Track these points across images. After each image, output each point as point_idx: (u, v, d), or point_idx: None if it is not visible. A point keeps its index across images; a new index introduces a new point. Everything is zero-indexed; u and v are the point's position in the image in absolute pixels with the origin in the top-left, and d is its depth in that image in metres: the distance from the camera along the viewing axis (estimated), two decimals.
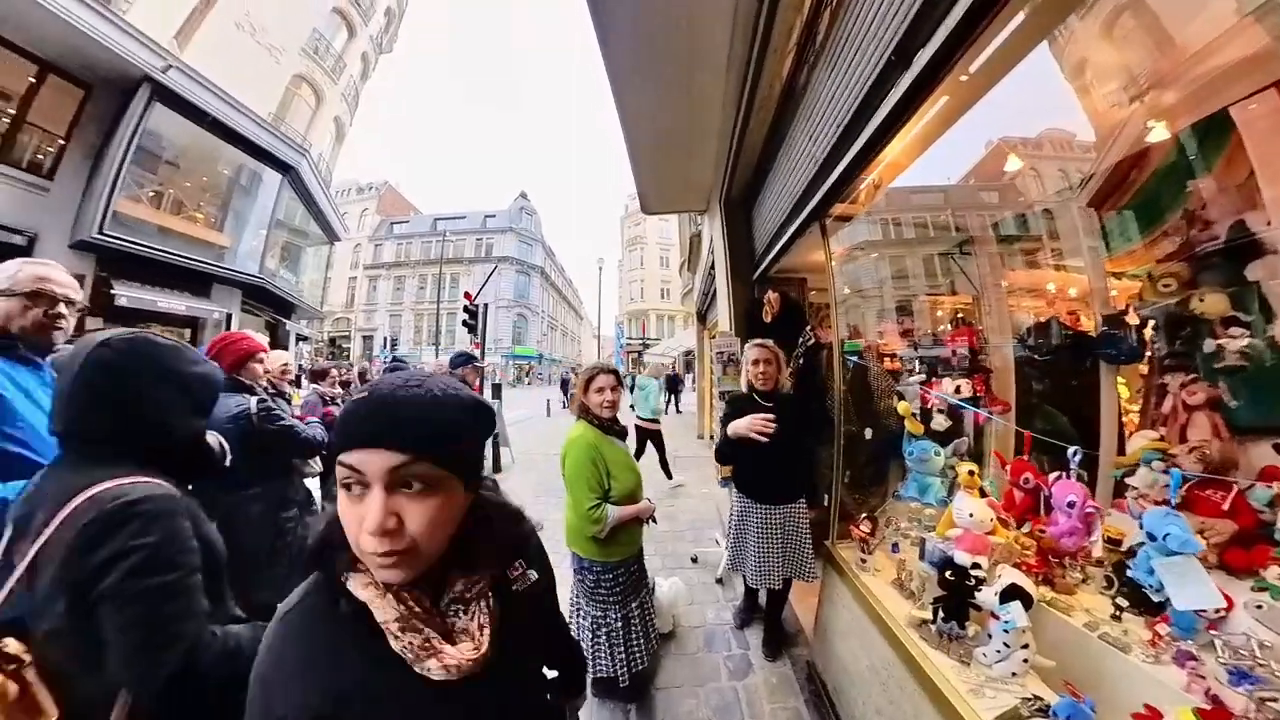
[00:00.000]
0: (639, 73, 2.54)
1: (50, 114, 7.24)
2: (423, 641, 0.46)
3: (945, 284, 2.84)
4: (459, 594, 0.51)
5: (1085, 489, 1.13)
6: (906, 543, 1.60)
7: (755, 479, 2.09)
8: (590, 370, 1.79)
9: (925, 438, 1.82)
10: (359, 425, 0.45)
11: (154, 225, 8.38)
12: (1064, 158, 2.05)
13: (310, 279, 15.03)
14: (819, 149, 1.96)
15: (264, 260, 10.61)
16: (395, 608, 0.46)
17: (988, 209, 2.52)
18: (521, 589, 0.59)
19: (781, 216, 2.68)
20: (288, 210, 11.64)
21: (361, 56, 14.42)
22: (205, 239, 9.41)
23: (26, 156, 7.19)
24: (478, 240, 31.95)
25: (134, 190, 8.01)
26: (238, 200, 10.08)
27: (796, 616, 2.37)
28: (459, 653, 0.47)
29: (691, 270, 10.15)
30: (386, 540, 0.42)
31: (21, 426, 1.10)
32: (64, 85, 7.24)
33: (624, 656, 1.73)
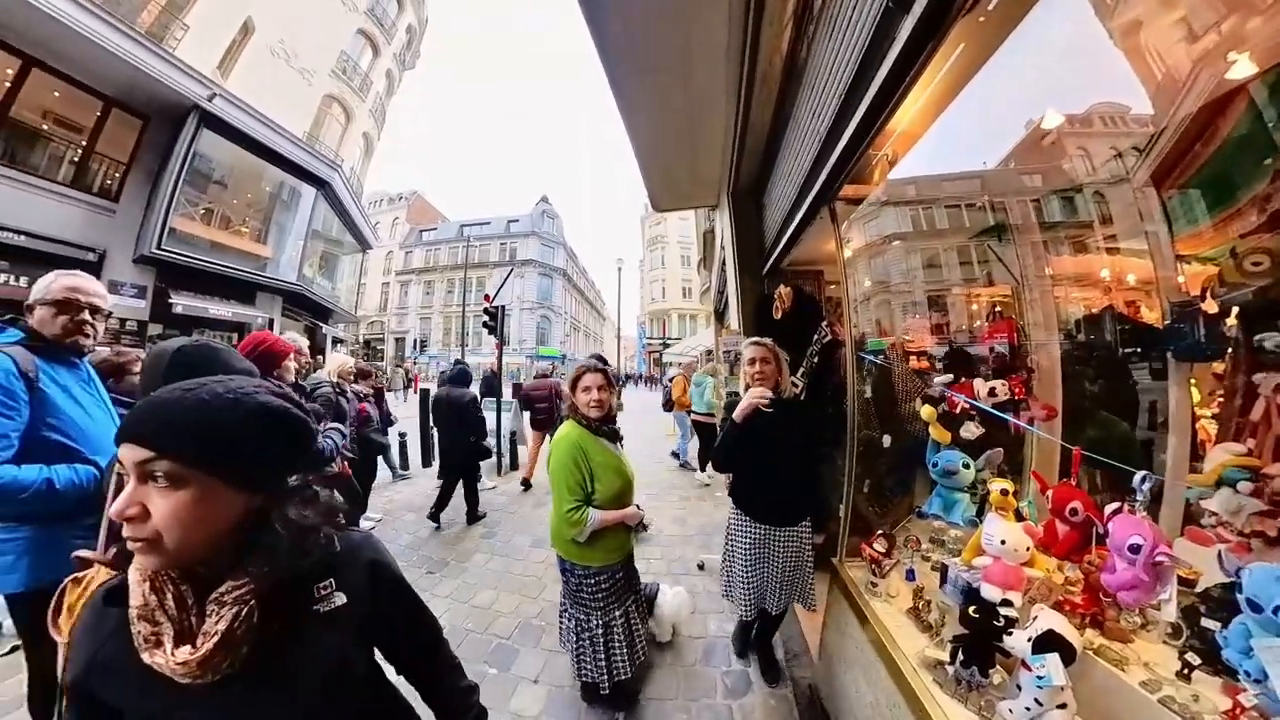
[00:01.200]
0: (637, 72, 2.46)
1: (115, 143, 8.03)
2: (150, 632, 0.48)
3: (981, 274, 2.57)
4: (219, 596, 0.51)
5: (1157, 530, 0.87)
6: (926, 566, 1.41)
7: (754, 494, 1.82)
8: (579, 369, 1.72)
9: (953, 447, 1.61)
10: (127, 421, 0.49)
11: (205, 240, 9.10)
12: (1117, 133, 1.80)
13: (346, 285, 15.90)
14: (822, 123, 1.79)
15: (302, 268, 11.34)
16: (144, 596, 0.49)
17: (1031, 193, 2.27)
18: (325, 610, 0.59)
19: (789, 203, 2.51)
20: (324, 222, 12.35)
21: (386, 74, 15.15)
22: (250, 251, 10.13)
23: (96, 182, 7.95)
24: (502, 244, 32.69)
25: (187, 209, 8.70)
26: (278, 214, 10.78)
27: (803, 633, 2.18)
28: (169, 655, 0.48)
29: (707, 268, 9.93)
30: (129, 527, 0.47)
31: (61, 418, 1.26)
32: (125, 117, 8.03)
33: (605, 663, 1.69)
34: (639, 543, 3.42)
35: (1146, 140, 1.51)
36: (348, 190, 12.66)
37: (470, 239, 26.92)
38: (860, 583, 1.48)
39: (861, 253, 3.22)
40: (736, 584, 1.81)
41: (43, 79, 7.06)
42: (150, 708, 0.50)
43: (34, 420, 1.21)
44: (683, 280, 34.16)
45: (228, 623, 0.50)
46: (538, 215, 33.04)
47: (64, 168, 7.56)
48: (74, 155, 7.67)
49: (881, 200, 2.42)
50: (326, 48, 11.96)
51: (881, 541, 1.54)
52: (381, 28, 14.01)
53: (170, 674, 0.48)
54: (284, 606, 0.55)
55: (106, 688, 0.50)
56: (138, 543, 0.47)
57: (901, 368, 2.53)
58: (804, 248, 2.80)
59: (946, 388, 1.71)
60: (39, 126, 7.32)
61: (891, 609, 1.32)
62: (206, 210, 9.23)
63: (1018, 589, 0.98)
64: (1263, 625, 0.68)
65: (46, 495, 1.17)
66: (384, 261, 33.99)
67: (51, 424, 1.24)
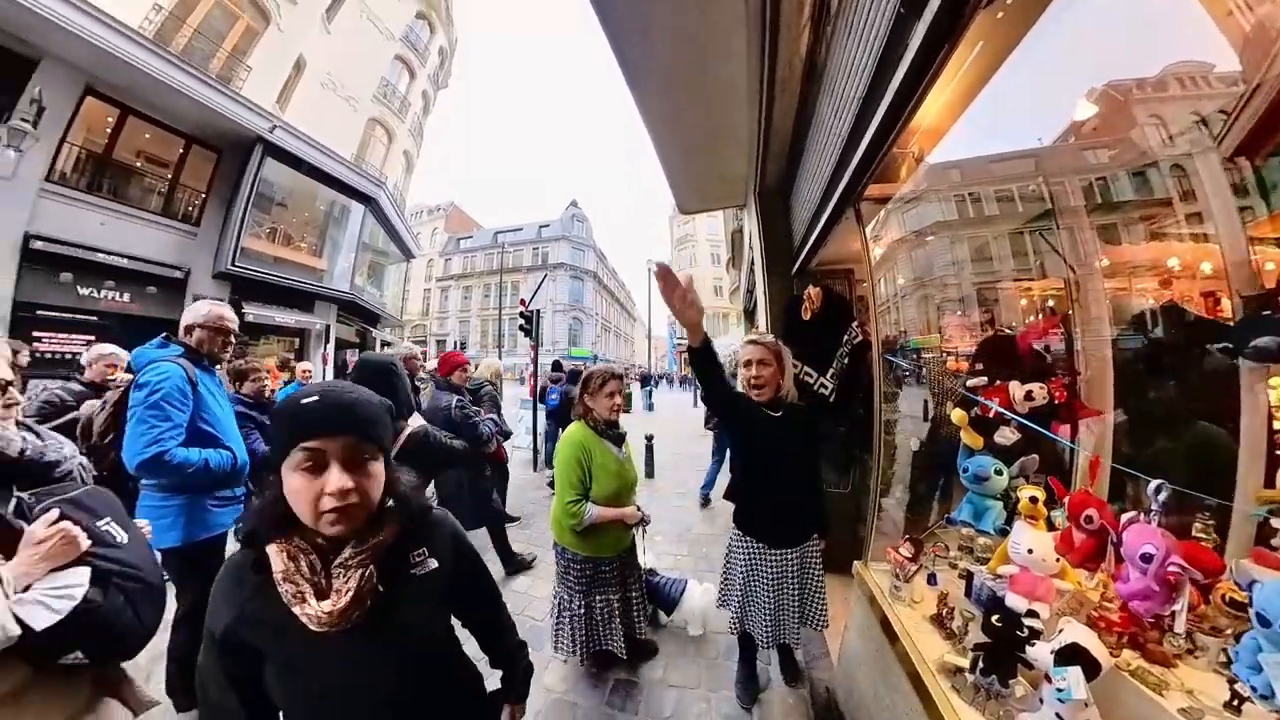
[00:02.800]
0: (658, 82, 2.49)
1: (195, 175, 9.05)
2: (295, 591, 0.59)
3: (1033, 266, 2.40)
4: (344, 560, 0.62)
5: (1170, 540, 0.84)
6: (954, 574, 1.37)
7: (767, 519, 1.66)
8: (601, 375, 1.83)
9: (985, 452, 1.55)
10: (320, 417, 0.61)
11: (270, 256, 10.03)
12: (1199, 96, 1.60)
13: (392, 292, 16.98)
14: (843, 125, 1.76)
15: (353, 278, 12.24)
16: (284, 563, 0.60)
17: (1094, 171, 2.07)
18: (420, 574, 0.71)
19: (815, 203, 2.46)
20: (371, 235, 13.24)
21: (422, 95, 16.05)
22: (308, 264, 11.05)
23: (180, 210, 8.97)
24: (534, 249, 33.63)
25: (255, 229, 9.62)
26: (331, 229, 11.68)
27: (824, 636, 2.15)
28: (318, 607, 0.59)
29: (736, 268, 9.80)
30: (341, 498, 0.58)
31: (209, 414, 1.65)
32: (203, 151, 9.06)
33: (584, 639, 1.83)
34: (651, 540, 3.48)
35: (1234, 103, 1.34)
36: (392, 205, 13.54)
37: (504, 245, 27.89)
38: (885, 587, 1.46)
39: (898, 247, 3.09)
40: (759, 613, 1.66)
41: (136, 124, 8.11)
42: (288, 650, 0.61)
43: (192, 415, 1.58)
44: (713, 279, 33.76)
45: (357, 582, 0.61)
46: (568, 219, 33.71)
47: (155, 199, 8.57)
48: (162, 188, 8.68)
49: (921, 188, 2.32)
50: (368, 75, 12.89)
51: (908, 546, 1.50)
52: (416, 52, 14.86)
53: (309, 623, 0.58)
54: (391, 569, 0.66)
55: (253, 634, 0.61)
56: (344, 511, 0.60)
57: (936, 368, 2.43)
58: (833, 247, 2.73)
59: (975, 391, 1.64)
60: (134, 165, 8.35)
61: (914, 615, 1.29)
62: (271, 229, 10.17)
63: (1045, 600, 0.95)
64: (1272, 640, 0.65)
65: (203, 472, 1.56)
66: (425, 269, 35.88)
67: (203, 418, 1.63)
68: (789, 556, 1.63)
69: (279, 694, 0.63)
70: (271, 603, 0.60)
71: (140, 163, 8.42)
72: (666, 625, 2.37)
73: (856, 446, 2.78)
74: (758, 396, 1.61)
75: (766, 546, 1.64)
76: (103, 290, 7.76)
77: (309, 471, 0.59)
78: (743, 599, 1.69)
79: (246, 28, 9.48)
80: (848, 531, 2.43)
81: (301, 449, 0.59)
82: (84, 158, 7.59)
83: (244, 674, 0.61)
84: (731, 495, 1.78)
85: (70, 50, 6.72)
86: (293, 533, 0.63)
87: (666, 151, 3.43)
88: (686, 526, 3.91)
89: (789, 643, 1.72)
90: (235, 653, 0.61)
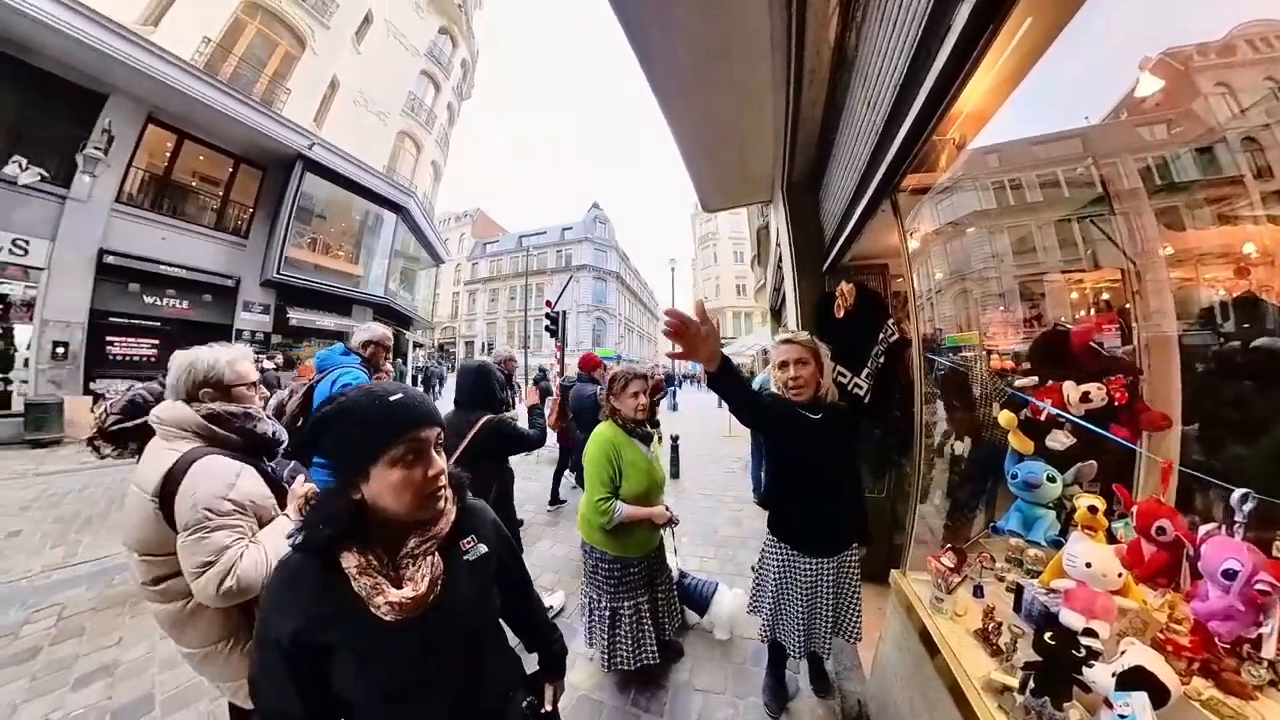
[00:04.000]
0: (679, 75, 2.45)
1: (243, 191, 9.74)
2: (373, 584, 0.62)
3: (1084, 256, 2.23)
4: (410, 550, 0.66)
5: (1257, 555, 0.75)
6: (1001, 586, 1.29)
7: (804, 526, 1.60)
8: (626, 376, 1.82)
9: (1036, 457, 1.45)
10: (417, 412, 0.67)
11: (311, 264, 10.66)
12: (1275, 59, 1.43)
13: (423, 296, 17.69)
14: (878, 114, 1.69)
15: (387, 283, 12.85)
16: (356, 560, 0.63)
17: (1152, 149, 1.89)
18: (471, 559, 0.75)
19: (848, 196, 2.37)
20: (403, 242, 13.82)
21: (447, 107, 16.61)
22: (345, 270, 11.67)
23: (231, 223, 9.65)
24: (558, 252, 34.11)
25: (297, 239, 10.24)
26: (366, 238, 12.26)
27: (856, 647, 2.07)
28: (399, 594, 0.62)
29: (762, 265, 9.60)
30: (442, 479, 0.67)
31: None
32: (250, 169, 9.75)
33: (606, 645, 1.81)
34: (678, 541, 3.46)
35: None
36: (422, 213, 14.10)
37: (529, 249, 28.44)
38: (924, 597, 1.39)
39: (933, 239, 2.94)
40: (789, 621, 1.62)
41: (191, 147, 8.84)
42: (363, 642, 0.63)
43: None
44: (736, 277, 33.30)
45: (429, 569, 0.66)
46: (590, 221, 34.00)
47: (208, 214, 9.28)
48: (214, 204, 9.39)
49: (957, 176, 2.19)
50: (396, 91, 13.50)
51: (950, 555, 1.43)
52: (440, 66, 15.41)
53: (387, 613, 0.61)
54: (449, 555, 0.72)
55: (324, 634, 0.62)
56: (443, 491, 0.68)
57: (979, 367, 2.30)
58: (867, 241, 2.62)
59: (1024, 392, 1.54)
60: (191, 184, 9.08)
61: (957, 628, 1.23)
62: (311, 239, 10.79)
63: (1105, 619, 0.88)
64: None
65: None
66: (454, 273, 37.06)
67: None
68: (825, 566, 1.56)
69: (352, 684, 0.64)
70: (340, 600, 0.62)
71: (195, 182, 9.14)
72: (694, 627, 2.35)
73: (893, 449, 2.67)
74: (796, 397, 1.53)
75: (801, 555, 1.57)
76: (165, 298, 8.50)
77: (408, 463, 0.64)
78: (774, 608, 1.64)
79: (285, 53, 10.14)
80: (882, 538, 2.34)
81: (405, 442, 0.63)
82: (147, 179, 8.33)
83: (306, 675, 0.63)
84: (766, 502, 1.72)
85: (134, 84, 7.42)
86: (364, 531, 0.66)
87: (690, 149, 3.39)
88: (714, 528, 3.87)
89: (820, 653, 1.66)
90: (301, 656, 0.62)
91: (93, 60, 6.82)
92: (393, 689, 0.65)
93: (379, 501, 0.64)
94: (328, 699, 0.65)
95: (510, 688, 0.84)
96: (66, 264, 7.10)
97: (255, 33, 9.63)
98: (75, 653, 2.17)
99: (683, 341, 1.08)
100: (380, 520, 0.65)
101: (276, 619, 0.63)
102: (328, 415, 0.65)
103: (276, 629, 0.62)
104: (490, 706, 0.78)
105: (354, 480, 0.64)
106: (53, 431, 6.59)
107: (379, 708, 0.66)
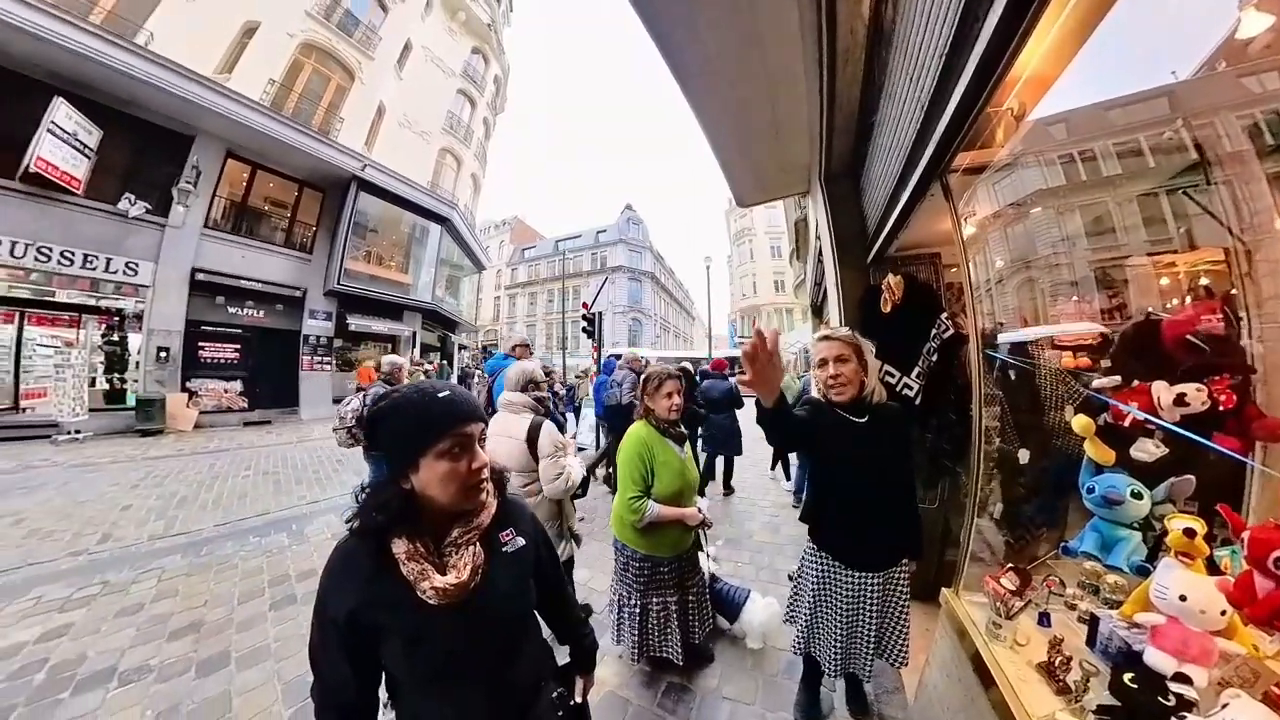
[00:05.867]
0: (706, 70, 2.39)
1: (307, 211, 10.78)
2: (419, 570, 0.66)
3: (1176, 234, 1.92)
4: (454, 539, 0.70)
5: None
6: (1072, 616, 1.13)
7: (848, 538, 1.47)
8: (659, 375, 1.80)
9: (1118, 469, 1.26)
10: (462, 409, 0.70)
11: (367, 274, 11.58)
12: None
13: (467, 301, 18.64)
14: (922, 89, 1.54)
15: (434, 290, 13.69)
16: (405, 547, 0.66)
17: (1260, 102, 1.56)
18: (510, 551, 0.79)
19: (892, 181, 2.19)
20: (447, 251, 14.66)
21: (483, 122, 17.55)
22: (396, 279, 12.55)
23: (297, 241, 10.65)
24: (593, 254, 34.65)
25: (354, 252, 11.13)
26: (414, 249, 13.11)
27: (899, 671, 1.90)
28: (444, 580, 0.66)
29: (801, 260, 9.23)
30: (481, 473, 0.71)
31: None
32: (312, 192, 10.81)
33: (635, 639, 1.82)
34: (719, 544, 3.38)
35: None
36: (464, 223, 14.91)
37: (565, 253, 29.10)
38: (979, 622, 1.25)
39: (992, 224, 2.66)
40: (827, 636, 1.51)
41: (263, 176, 9.93)
42: (411, 623, 0.67)
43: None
44: (774, 273, 32.27)
45: (471, 557, 0.70)
46: (623, 223, 34.27)
47: (278, 233, 10.35)
48: (283, 224, 10.47)
49: (1017, 151, 1.95)
50: (436, 110, 14.48)
51: (1012, 577, 1.27)
52: (474, 84, 16.31)
53: (432, 597, 0.65)
54: (490, 546, 0.75)
55: (375, 614, 0.66)
56: (485, 482, 0.73)
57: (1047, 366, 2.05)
58: (915, 230, 2.41)
59: (1103, 393, 1.34)
60: (263, 208, 10.18)
61: (1017, 659, 1.08)
62: (366, 252, 11.71)
63: (1203, 664, 0.73)
64: None
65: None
66: (494, 279, 38.69)
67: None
68: (869, 582, 1.43)
69: (399, 663, 0.68)
70: (391, 584, 0.66)
71: (267, 206, 10.24)
72: (726, 633, 2.28)
73: (946, 456, 2.44)
74: (837, 397, 1.42)
75: (844, 567, 1.46)
76: (244, 308, 9.63)
77: (454, 457, 0.67)
78: (810, 619, 1.53)
79: (337, 86, 11.23)
80: (932, 553, 2.15)
81: (452, 436, 0.67)
82: (228, 206, 9.46)
83: (356, 649, 0.67)
84: (808, 515, 1.61)
85: (216, 126, 8.57)
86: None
87: (721, 144, 3.30)
88: (747, 533, 3.75)
89: (859, 674, 1.53)
90: (354, 633, 0.66)
91: (182, 108, 7.96)
92: (435, 670, 0.68)
93: (426, 491, 0.68)
94: (376, 672, 0.70)
95: (543, 678, 0.86)
96: (167, 282, 8.25)
97: (311, 70, 10.69)
98: (170, 610, 2.49)
99: (755, 367, 1.02)
100: (427, 510, 0.69)
101: (334, 598, 0.67)
102: (383, 411, 0.70)
103: (334, 607, 0.66)
104: (524, 693, 0.80)
105: (404, 471, 0.68)
106: (157, 423, 7.75)
107: (423, 686, 0.70)
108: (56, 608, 2.49)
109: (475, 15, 15.45)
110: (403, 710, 0.73)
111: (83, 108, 7.05)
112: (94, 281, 7.52)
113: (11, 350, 6.95)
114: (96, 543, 3.36)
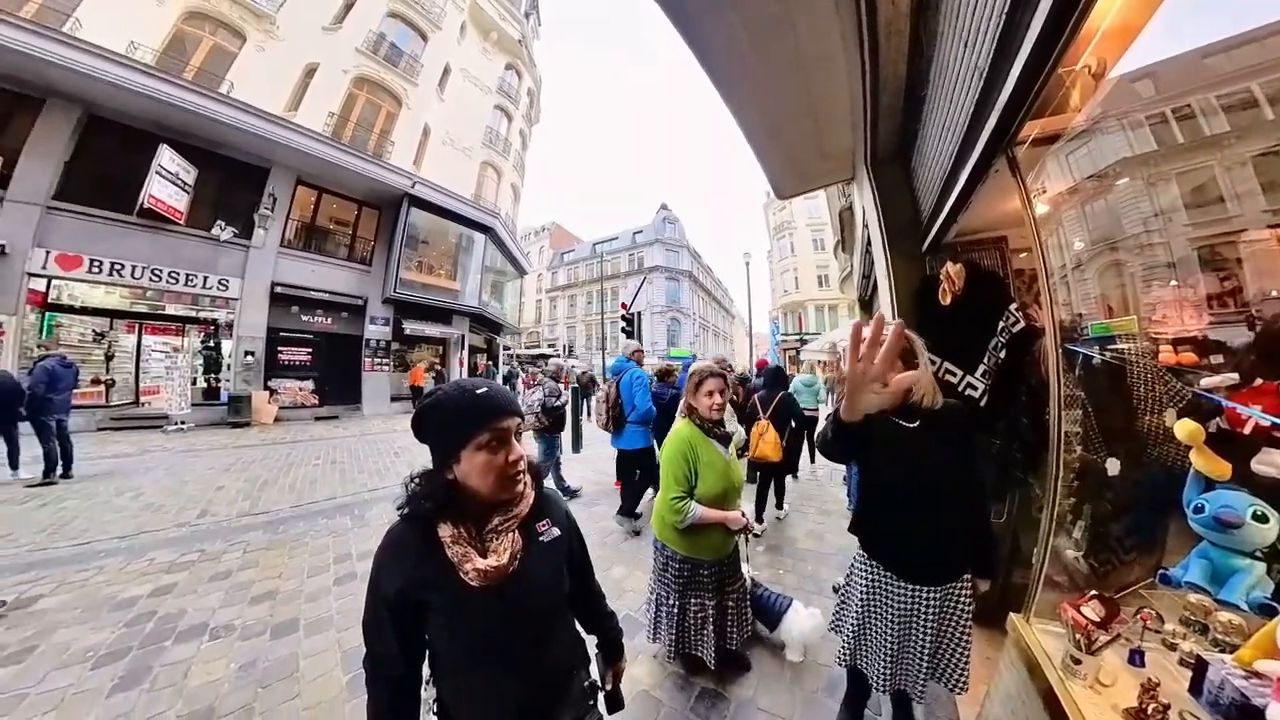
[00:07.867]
0: (740, 60, 2.28)
1: (365, 228, 11.83)
2: (463, 553, 0.71)
3: None
4: (495, 526, 0.74)
5: None
6: (1173, 657, 0.95)
7: (901, 548, 1.36)
8: (701, 373, 1.75)
9: (1234, 485, 1.05)
10: (499, 404, 0.73)
11: (419, 283, 12.45)
12: None
13: (510, 305, 19.41)
14: (979, 55, 1.38)
15: (480, 295, 14.43)
16: (450, 531, 0.72)
17: None
18: (546, 540, 0.83)
19: (948, 161, 1.98)
20: (491, 258, 15.39)
21: (520, 134, 18.28)
22: (446, 286, 13.38)
23: (358, 254, 11.71)
24: (630, 255, 34.86)
25: (407, 263, 12.02)
26: (461, 257, 13.89)
27: (955, 699, 1.69)
28: (485, 562, 0.71)
29: (847, 251, 8.73)
30: (522, 463, 0.76)
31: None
32: (370, 210, 11.90)
33: (673, 637, 1.81)
34: (760, 550, 3.28)
35: None
36: (506, 231, 15.64)
37: (602, 255, 29.51)
38: (1054, 654, 1.08)
39: (1067, 201, 2.34)
40: (875, 651, 1.40)
41: (328, 199, 11.10)
42: (455, 604, 0.72)
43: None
44: (817, 267, 30.82)
45: (510, 544, 0.74)
46: (659, 223, 34.20)
47: (341, 249, 11.44)
48: (346, 240, 11.56)
49: (1096, 115, 1.68)
50: (476, 127, 15.41)
51: (1096, 606, 1.09)
52: (510, 99, 17.08)
53: (473, 579, 0.70)
54: (527, 535, 0.79)
55: (422, 593, 0.71)
56: (522, 474, 0.77)
57: (1141, 362, 1.77)
58: (976, 212, 2.15)
59: (1215, 394, 1.13)
60: (329, 227, 11.32)
61: (1100, 701, 0.92)
62: (418, 262, 12.60)
63: None
64: None
65: (648, 413, 3.73)
66: (536, 283, 40.09)
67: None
68: (926, 596, 1.30)
69: (441, 639, 0.75)
70: (437, 566, 0.71)
71: (331, 225, 11.38)
72: (765, 640, 2.18)
73: (1016, 465, 2.19)
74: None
75: (896, 577, 1.34)
76: (315, 316, 10.77)
77: (492, 449, 0.71)
78: (858, 629, 1.42)
79: (387, 113, 12.31)
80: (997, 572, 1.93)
81: (491, 430, 0.71)
82: (299, 227, 10.65)
83: (404, 626, 0.73)
84: (856, 525, 1.48)
85: (287, 157, 9.80)
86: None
87: (757, 134, 3.15)
88: (789, 539, 3.58)
89: (910, 693, 1.38)
90: (402, 609, 0.72)
91: (260, 144, 9.25)
92: (474, 649, 0.73)
93: (467, 481, 0.72)
94: (421, 649, 0.76)
95: (574, 665, 0.89)
96: (252, 294, 9.48)
97: (365, 101, 11.83)
98: (252, 579, 2.79)
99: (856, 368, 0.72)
100: (470, 499, 0.74)
101: (385, 576, 0.73)
102: (428, 406, 0.74)
103: (385, 585, 0.72)
104: (556, 677, 0.84)
105: (448, 462, 0.73)
106: (244, 416, 9.06)
107: (462, 663, 0.75)
108: (164, 569, 2.89)
109: (506, 33, 16.16)
110: (444, 688, 0.78)
111: (182, 151, 8.38)
112: (194, 297, 8.82)
113: (133, 355, 8.37)
114: (196, 516, 3.85)
